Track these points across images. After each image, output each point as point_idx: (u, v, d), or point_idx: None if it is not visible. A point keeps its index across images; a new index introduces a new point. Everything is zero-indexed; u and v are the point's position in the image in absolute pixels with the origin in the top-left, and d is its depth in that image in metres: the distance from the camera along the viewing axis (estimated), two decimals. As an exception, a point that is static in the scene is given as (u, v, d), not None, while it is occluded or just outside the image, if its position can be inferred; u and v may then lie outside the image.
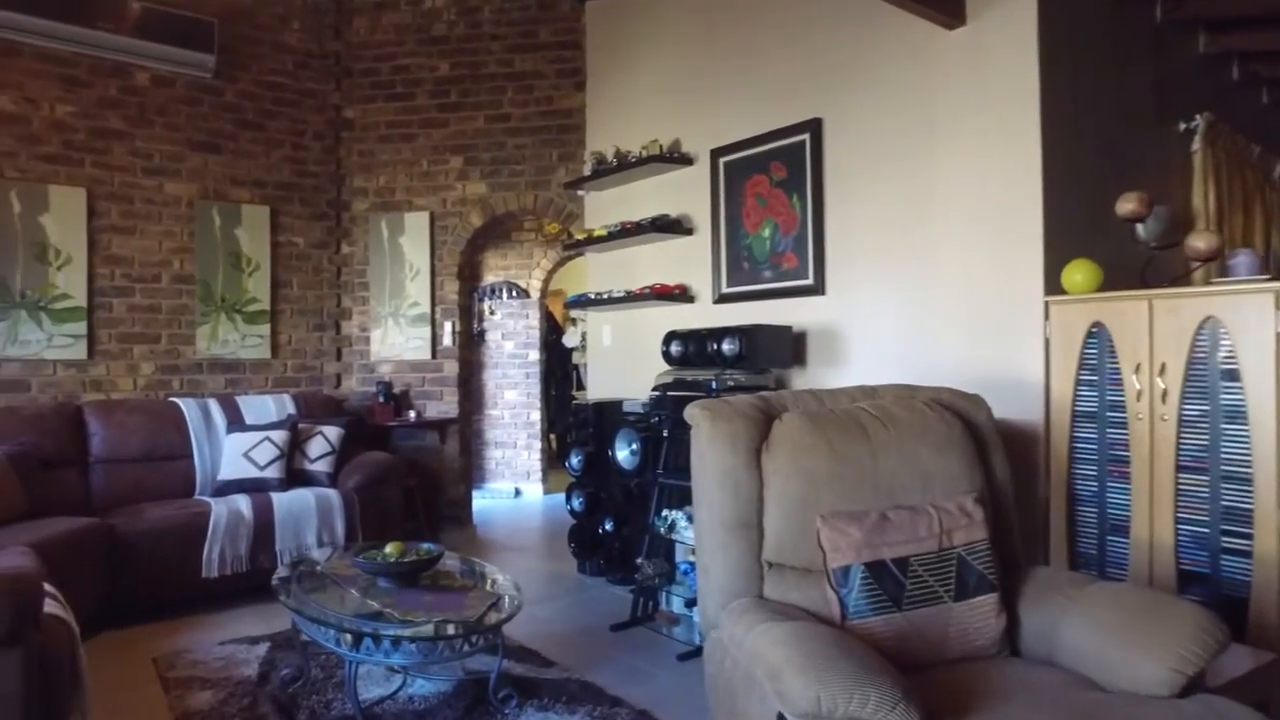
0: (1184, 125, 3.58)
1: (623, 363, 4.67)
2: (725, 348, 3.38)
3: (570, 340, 7.93)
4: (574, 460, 4.15)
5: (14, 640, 1.81)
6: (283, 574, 2.86)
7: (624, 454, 3.83)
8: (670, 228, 4.18)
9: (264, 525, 3.77)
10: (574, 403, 5.52)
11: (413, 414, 5.08)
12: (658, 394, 3.65)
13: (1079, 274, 2.63)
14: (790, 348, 3.54)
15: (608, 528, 4.04)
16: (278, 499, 3.89)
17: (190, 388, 4.68)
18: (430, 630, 2.37)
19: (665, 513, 3.44)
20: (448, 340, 5.18)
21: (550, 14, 5.05)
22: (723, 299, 3.99)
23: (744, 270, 3.89)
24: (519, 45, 5.08)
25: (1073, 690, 1.65)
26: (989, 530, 1.94)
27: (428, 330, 5.15)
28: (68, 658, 2.01)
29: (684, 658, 3.08)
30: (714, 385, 3.35)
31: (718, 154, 4.00)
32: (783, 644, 1.60)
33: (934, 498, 1.99)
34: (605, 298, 4.42)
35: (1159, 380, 2.41)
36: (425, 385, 5.19)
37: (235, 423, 4.31)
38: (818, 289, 3.53)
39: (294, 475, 4.16)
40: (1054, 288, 2.74)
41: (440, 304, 5.17)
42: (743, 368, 3.40)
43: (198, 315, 4.70)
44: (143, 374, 4.55)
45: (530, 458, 6.91)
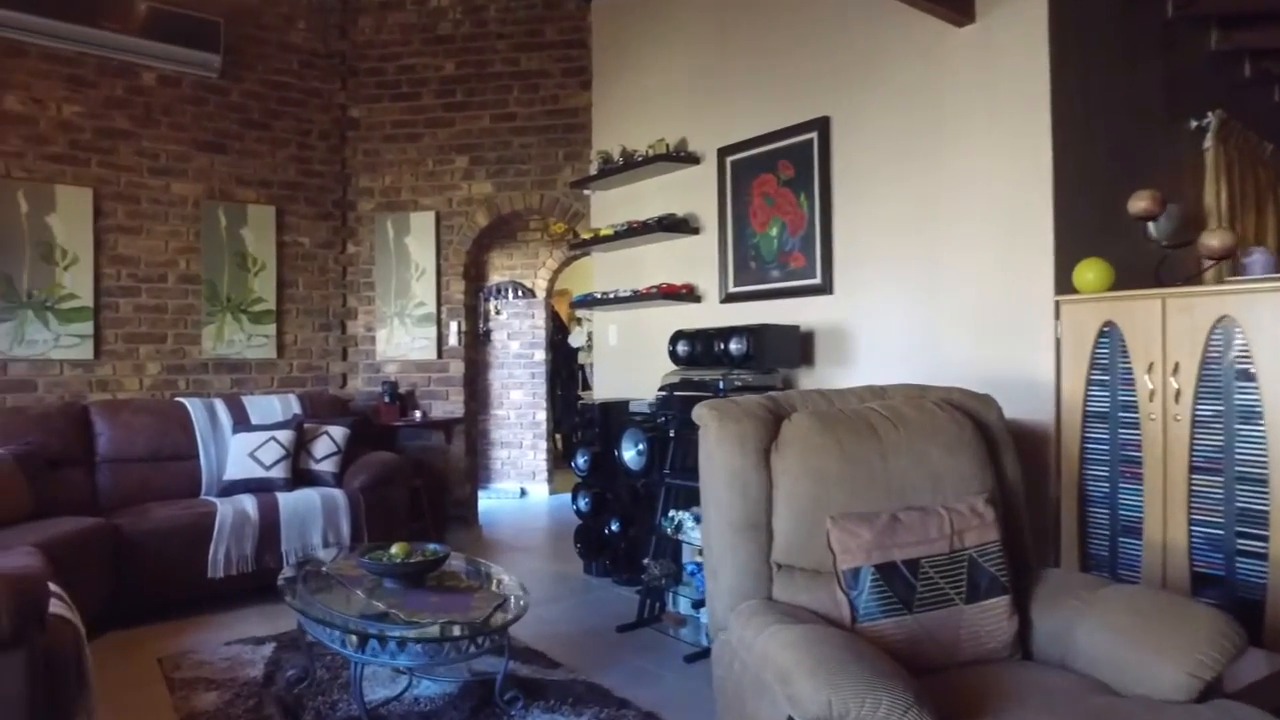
0: (1195, 123, 3.54)
1: (629, 362, 4.66)
2: (732, 347, 3.36)
3: (576, 340, 7.93)
4: (580, 460, 4.14)
5: (19, 640, 1.80)
6: (288, 574, 2.85)
7: (630, 454, 3.81)
8: (677, 227, 4.16)
9: (269, 525, 3.77)
10: (580, 403, 5.51)
11: (418, 414, 5.07)
12: (664, 394, 3.63)
13: (1090, 273, 2.60)
14: (798, 347, 3.52)
15: (614, 528, 4.03)
16: (283, 499, 3.88)
17: (196, 387, 4.69)
18: (436, 631, 2.36)
19: (672, 513, 3.42)
20: (453, 340, 5.17)
21: (556, 12, 5.04)
22: (730, 298, 3.97)
23: (751, 270, 3.87)
24: (525, 44, 5.07)
25: (1087, 695, 1.63)
26: (1000, 532, 1.92)
27: (433, 330, 5.14)
28: (73, 658, 2.01)
29: (691, 659, 3.06)
30: (721, 385, 3.33)
31: (724, 153, 3.98)
32: (793, 647, 1.58)
33: (945, 499, 1.97)
34: (611, 297, 4.40)
35: (1172, 380, 2.38)
36: (431, 385, 5.18)
37: (241, 423, 4.31)
38: (825, 288, 3.50)
39: (299, 475, 4.15)
40: (1065, 287, 2.71)
41: (446, 304, 5.17)
42: (750, 368, 3.38)
43: (203, 315, 4.70)
44: (149, 374, 4.55)
45: (536, 458, 6.90)
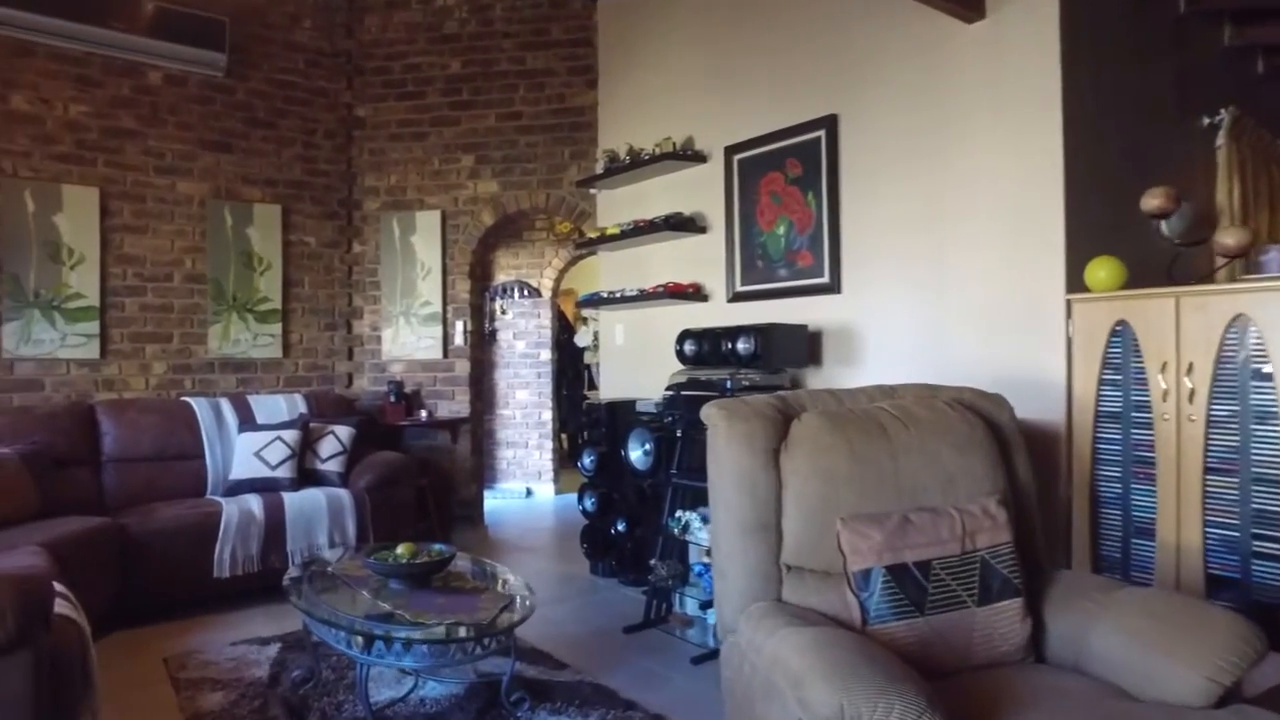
0: (1208, 120, 3.51)
1: (635, 362, 4.64)
2: (740, 347, 3.34)
3: (582, 339, 7.91)
4: (586, 460, 4.13)
5: (24, 641, 1.79)
6: (294, 574, 2.84)
7: (637, 454, 3.79)
8: (684, 226, 4.14)
9: (275, 525, 3.76)
10: (586, 402, 5.50)
11: (424, 413, 5.06)
12: (671, 393, 3.61)
13: (1102, 271, 2.57)
14: (806, 347, 3.49)
15: (620, 528, 4.01)
16: (289, 499, 3.88)
17: (202, 387, 4.68)
18: (442, 632, 2.35)
19: (679, 514, 3.40)
20: (459, 339, 5.16)
21: (562, 11, 5.02)
22: (737, 297, 3.95)
23: (758, 269, 3.84)
24: (531, 43, 5.06)
25: (1103, 699, 1.60)
26: (1013, 533, 1.89)
27: (439, 329, 5.13)
28: (78, 658, 2.00)
29: (698, 661, 3.04)
30: (729, 385, 3.31)
31: (732, 151, 3.96)
32: (805, 651, 1.55)
33: (956, 499, 1.95)
34: (618, 296, 4.38)
35: (1186, 380, 2.35)
36: (437, 385, 5.17)
37: (247, 422, 4.31)
38: (833, 287, 3.48)
39: (305, 475, 4.14)
40: (1076, 285, 2.69)
41: (452, 303, 5.15)
42: (758, 367, 3.36)
43: (209, 314, 4.70)
44: (155, 373, 4.55)
45: (542, 458, 6.89)
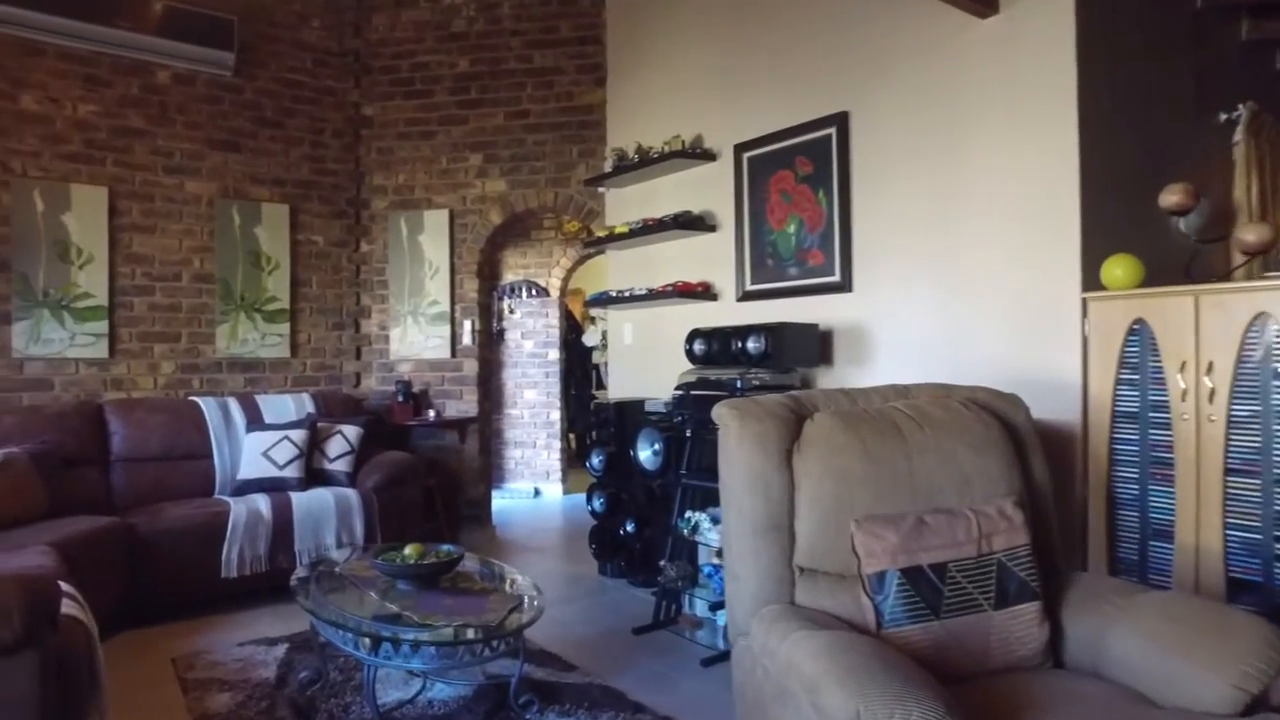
0: (1225, 116, 3.45)
1: (644, 361, 4.61)
2: (750, 346, 3.31)
3: (590, 339, 7.89)
4: (595, 460, 4.10)
5: (31, 641, 1.77)
6: (301, 575, 2.83)
7: (646, 454, 3.76)
8: (693, 224, 4.11)
9: (283, 525, 3.75)
10: (594, 402, 5.48)
11: (432, 413, 5.05)
12: (681, 393, 3.58)
13: (1119, 269, 2.53)
14: (817, 346, 3.46)
15: (629, 529, 3.99)
16: (297, 499, 3.86)
17: (210, 387, 4.68)
18: (450, 634, 2.32)
19: (688, 514, 3.37)
20: (467, 339, 5.14)
21: (571, 9, 5.00)
22: (747, 296, 3.92)
23: (768, 267, 3.81)
24: (539, 41, 5.04)
25: (1124, 705, 1.57)
26: (1030, 535, 1.86)
27: (447, 329, 5.12)
28: (85, 658, 1.98)
29: (708, 663, 3.01)
30: (739, 384, 3.28)
31: (741, 149, 3.93)
32: (819, 655, 1.53)
33: (972, 501, 1.92)
34: (626, 296, 4.36)
35: (1206, 379, 2.31)
36: (444, 384, 5.15)
37: (255, 422, 4.30)
38: (845, 286, 3.45)
39: (313, 475, 4.13)
40: (1092, 284, 2.65)
41: (460, 302, 5.14)
42: (768, 367, 3.33)
43: (217, 314, 4.70)
44: (163, 373, 4.55)
45: (550, 457, 6.87)
